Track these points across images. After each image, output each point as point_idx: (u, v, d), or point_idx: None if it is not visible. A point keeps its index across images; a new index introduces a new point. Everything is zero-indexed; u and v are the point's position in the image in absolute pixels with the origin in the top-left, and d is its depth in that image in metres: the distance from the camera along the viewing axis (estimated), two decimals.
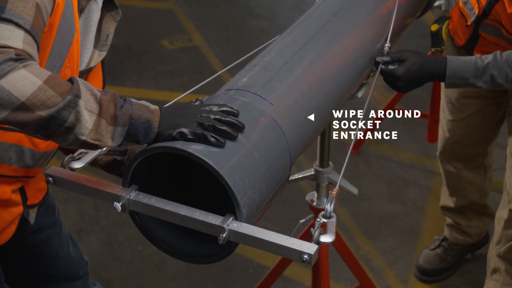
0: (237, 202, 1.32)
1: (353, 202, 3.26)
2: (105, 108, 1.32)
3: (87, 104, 1.31)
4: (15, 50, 1.28)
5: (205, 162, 1.31)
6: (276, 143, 1.45)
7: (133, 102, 1.37)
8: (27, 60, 1.29)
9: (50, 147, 1.65)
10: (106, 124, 1.33)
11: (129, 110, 1.35)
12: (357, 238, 3.07)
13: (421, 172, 3.47)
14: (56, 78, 1.30)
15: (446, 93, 2.57)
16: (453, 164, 2.71)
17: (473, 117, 2.54)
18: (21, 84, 1.26)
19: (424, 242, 3.03)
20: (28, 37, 1.35)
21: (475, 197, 2.76)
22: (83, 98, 1.30)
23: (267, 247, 1.32)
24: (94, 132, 1.32)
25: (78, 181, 1.43)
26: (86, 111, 1.30)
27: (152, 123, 1.36)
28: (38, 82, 1.27)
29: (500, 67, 1.86)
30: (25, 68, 1.27)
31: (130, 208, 1.40)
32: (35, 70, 1.28)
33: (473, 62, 1.88)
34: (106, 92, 1.36)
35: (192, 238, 1.46)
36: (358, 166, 3.48)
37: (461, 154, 2.68)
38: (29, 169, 1.65)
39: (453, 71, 1.87)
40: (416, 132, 3.73)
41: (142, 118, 1.36)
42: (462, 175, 2.72)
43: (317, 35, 1.72)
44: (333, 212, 1.38)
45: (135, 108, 1.36)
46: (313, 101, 1.59)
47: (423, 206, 3.25)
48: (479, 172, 2.73)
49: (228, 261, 2.92)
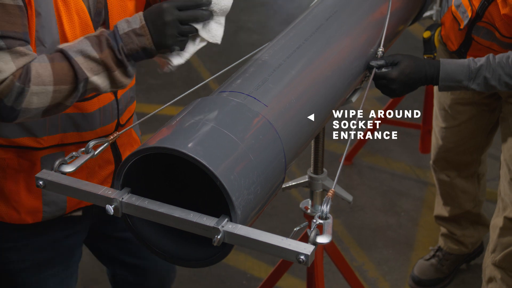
0: (232, 203, 1.29)
1: (346, 213, 3.24)
2: (108, 64, 1.46)
3: (93, 71, 1.45)
4: (12, 76, 1.40)
5: (199, 162, 1.29)
6: (271, 145, 1.43)
7: (122, 36, 1.46)
8: (27, 74, 1.40)
9: (97, 105, 1.67)
10: (118, 72, 1.48)
11: (123, 50, 1.46)
12: (351, 249, 3.05)
13: (414, 183, 3.45)
14: (60, 71, 1.42)
15: (439, 100, 2.56)
16: (446, 172, 2.70)
17: (466, 124, 2.53)
18: (39, 100, 1.43)
19: (419, 253, 3.01)
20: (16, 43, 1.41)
21: (469, 206, 2.75)
22: (88, 70, 1.44)
23: (263, 248, 1.29)
24: (112, 83, 1.49)
25: (69, 184, 1.40)
26: (97, 77, 1.46)
27: (147, 47, 1.48)
28: (50, 89, 1.43)
29: (493, 69, 1.85)
30: (34, 85, 1.41)
31: (123, 211, 1.37)
32: (39, 78, 1.41)
33: (466, 65, 1.87)
34: (98, 43, 1.45)
35: (186, 242, 1.43)
36: (351, 178, 3.47)
37: (454, 162, 2.67)
38: (98, 130, 1.69)
39: (446, 74, 1.86)
40: (408, 143, 3.73)
41: (138, 49, 1.47)
42: (456, 184, 2.70)
43: (310, 38, 1.71)
44: (329, 214, 1.36)
45: (126, 43, 1.46)
46: (308, 103, 1.58)
47: (417, 217, 3.23)
48: (472, 181, 2.72)
49: (222, 273, 2.89)
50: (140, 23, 1.47)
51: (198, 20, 1.50)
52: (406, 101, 3.91)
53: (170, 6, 1.47)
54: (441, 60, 1.89)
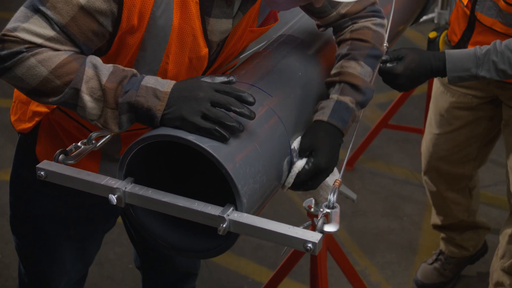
0: (238, 191, 1.27)
1: (348, 218, 3.22)
2: (107, 96, 1.34)
3: (92, 91, 1.34)
4: (29, 44, 1.34)
5: (204, 149, 1.27)
6: (276, 134, 1.41)
7: (140, 87, 1.34)
8: (35, 48, 1.34)
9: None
10: (112, 112, 1.34)
11: (131, 97, 1.33)
12: (354, 253, 3.02)
13: (416, 187, 3.43)
14: (65, 66, 1.34)
15: (437, 105, 2.51)
16: (436, 185, 2.63)
17: (461, 131, 2.46)
18: (30, 74, 1.34)
19: (422, 257, 2.98)
20: (57, 36, 1.36)
21: (462, 216, 2.68)
22: (87, 86, 1.34)
23: (270, 237, 1.26)
24: (101, 118, 1.36)
25: (71, 174, 1.38)
26: (91, 99, 1.34)
27: (154, 112, 1.33)
28: (45, 72, 1.34)
29: (500, 52, 1.84)
30: (34, 57, 1.33)
31: (126, 201, 1.35)
32: (44, 58, 1.34)
33: (472, 53, 1.85)
34: (115, 75, 1.35)
35: (190, 233, 1.41)
36: (353, 183, 3.44)
37: (445, 174, 2.58)
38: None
39: (453, 64, 1.85)
40: (409, 149, 3.71)
41: (144, 106, 1.33)
42: (447, 196, 2.64)
43: (314, 31, 1.70)
44: (336, 203, 1.34)
45: (140, 94, 1.34)
46: (313, 93, 1.56)
47: (419, 221, 3.21)
48: (463, 194, 2.65)
49: (223, 277, 2.86)
50: (166, 88, 1.34)
51: (230, 108, 1.32)
52: (406, 108, 3.90)
53: (208, 85, 1.35)
54: (446, 51, 1.88)
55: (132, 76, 1.36)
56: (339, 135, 1.49)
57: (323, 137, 1.46)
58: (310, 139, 1.46)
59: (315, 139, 1.46)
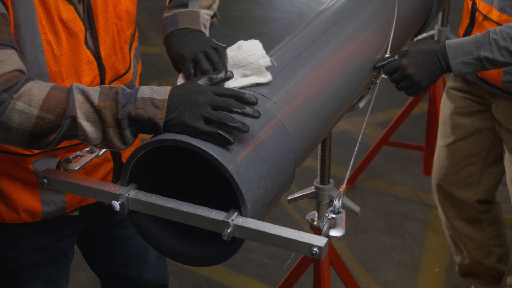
0: (242, 196, 1.26)
1: (350, 236, 3.19)
2: (104, 115, 1.32)
3: (87, 116, 1.32)
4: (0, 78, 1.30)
5: (208, 153, 1.25)
6: (280, 140, 1.40)
7: (137, 99, 1.32)
8: (15, 85, 1.31)
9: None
10: (113, 130, 1.32)
11: (130, 111, 1.31)
12: (356, 271, 2.99)
13: (418, 205, 3.41)
14: (53, 99, 1.31)
15: (442, 112, 2.48)
16: (445, 211, 2.55)
17: (461, 143, 2.41)
18: (21, 119, 1.31)
19: (425, 275, 2.95)
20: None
21: (477, 255, 2.53)
22: (81, 112, 1.31)
23: (275, 242, 1.25)
24: (104, 140, 1.33)
25: (74, 181, 1.37)
26: (89, 123, 1.32)
27: (156, 121, 1.31)
28: (34, 112, 1.30)
29: (500, 30, 1.86)
30: (20, 100, 1.30)
31: (129, 207, 1.34)
32: (29, 96, 1.31)
33: (471, 37, 1.89)
34: (104, 93, 1.33)
35: (194, 241, 1.39)
36: (354, 200, 3.41)
37: (451, 196, 2.50)
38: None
39: (453, 49, 1.87)
40: (410, 167, 3.70)
41: (145, 118, 1.31)
42: (458, 227, 2.52)
43: (317, 40, 1.70)
44: (341, 208, 1.33)
45: (138, 107, 1.31)
46: (315, 101, 1.56)
47: (421, 239, 3.18)
48: (474, 225, 2.51)
49: None
50: (163, 96, 1.32)
51: (232, 109, 1.31)
52: (406, 126, 3.90)
53: (208, 89, 1.34)
54: (446, 40, 1.92)
55: (122, 90, 1.34)
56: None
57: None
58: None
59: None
